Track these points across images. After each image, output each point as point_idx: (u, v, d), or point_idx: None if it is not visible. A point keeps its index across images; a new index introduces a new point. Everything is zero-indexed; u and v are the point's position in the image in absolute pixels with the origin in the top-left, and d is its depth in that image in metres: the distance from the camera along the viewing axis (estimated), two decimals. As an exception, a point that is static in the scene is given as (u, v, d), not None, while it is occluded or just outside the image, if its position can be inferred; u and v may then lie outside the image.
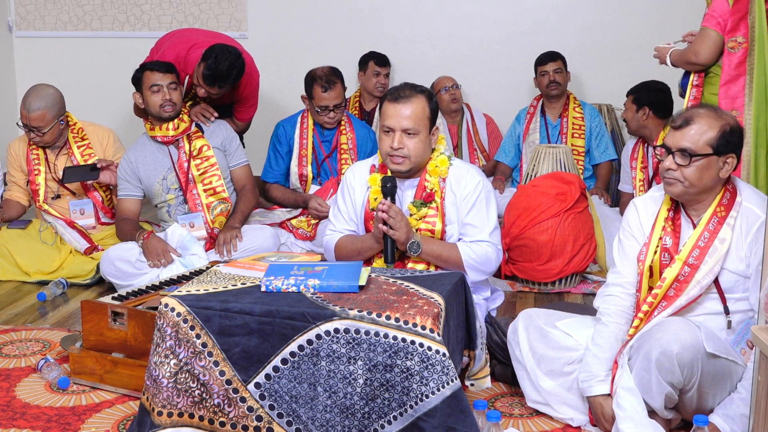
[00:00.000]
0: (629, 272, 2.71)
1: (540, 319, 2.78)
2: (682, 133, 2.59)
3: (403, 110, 3.03)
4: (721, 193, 2.61)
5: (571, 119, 5.23)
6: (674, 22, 5.67)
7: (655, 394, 2.45)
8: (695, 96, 3.54)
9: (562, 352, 2.70)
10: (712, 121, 2.57)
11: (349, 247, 3.17)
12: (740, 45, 3.34)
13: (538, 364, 2.70)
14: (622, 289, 2.71)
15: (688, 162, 2.56)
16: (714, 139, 2.55)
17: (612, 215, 4.67)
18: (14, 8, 6.28)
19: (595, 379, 2.59)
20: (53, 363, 3.02)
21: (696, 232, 2.59)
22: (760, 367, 2.31)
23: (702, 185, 2.58)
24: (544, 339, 2.73)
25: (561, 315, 2.86)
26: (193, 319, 2.48)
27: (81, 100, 5.56)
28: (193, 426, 2.50)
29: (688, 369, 2.43)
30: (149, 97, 3.99)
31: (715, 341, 2.48)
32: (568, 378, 2.67)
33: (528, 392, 2.74)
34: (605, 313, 2.69)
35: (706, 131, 2.56)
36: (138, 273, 3.82)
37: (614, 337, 2.64)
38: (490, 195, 3.15)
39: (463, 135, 5.61)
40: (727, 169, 2.58)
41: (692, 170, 2.56)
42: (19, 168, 4.37)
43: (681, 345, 2.41)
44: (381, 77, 5.67)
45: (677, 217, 2.68)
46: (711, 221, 2.59)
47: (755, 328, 2.34)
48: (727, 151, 2.57)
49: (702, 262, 2.56)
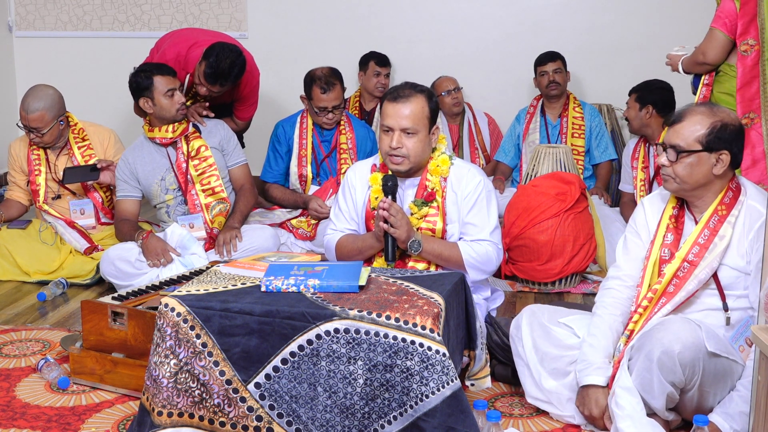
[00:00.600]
0: (629, 267, 2.74)
1: (544, 316, 2.78)
2: (674, 130, 2.61)
3: (402, 110, 3.03)
4: (723, 192, 2.61)
5: (570, 119, 5.23)
6: (674, 23, 5.68)
7: (657, 395, 2.45)
8: (705, 95, 3.56)
9: (565, 350, 2.69)
10: (703, 118, 2.58)
11: (350, 246, 3.17)
12: (752, 47, 3.35)
13: (540, 362, 2.69)
14: (621, 281, 2.74)
15: (677, 158, 2.57)
16: (703, 135, 2.55)
17: (612, 215, 4.67)
18: (14, 8, 6.28)
19: (591, 367, 2.58)
20: (53, 363, 3.02)
21: (696, 229, 2.60)
22: (760, 366, 2.31)
23: (694, 182, 2.59)
24: (547, 336, 2.72)
25: (565, 312, 2.86)
26: (193, 319, 2.48)
27: (81, 100, 5.56)
28: (193, 426, 2.50)
29: (689, 368, 2.43)
30: (163, 102, 3.96)
31: (715, 340, 2.48)
32: (570, 377, 2.67)
33: (528, 389, 2.73)
34: (601, 305, 2.73)
35: (696, 127, 2.57)
36: (138, 273, 3.82)
37: (608, 327, 2.65)
38: (491, 194, 3.15)
39: (464, 134, 5.61)
40: (721, 166, 2.57)
41: (682, 166, 2.58)
42: (20, 168, 4.37)
43: (682, 344, 2.41)
44: (381, 77, 5.68)
45: (681, 214, 2.69)
46: (711, 219, 2.59)
47: (755, 328, 2.34)
48: (719, 148, 2.56)
49: (701, 259, 2.57)
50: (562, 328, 2.75)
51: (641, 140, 4.73)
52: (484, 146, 5.63)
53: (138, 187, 4.10)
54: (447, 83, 5.53)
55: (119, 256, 3.88)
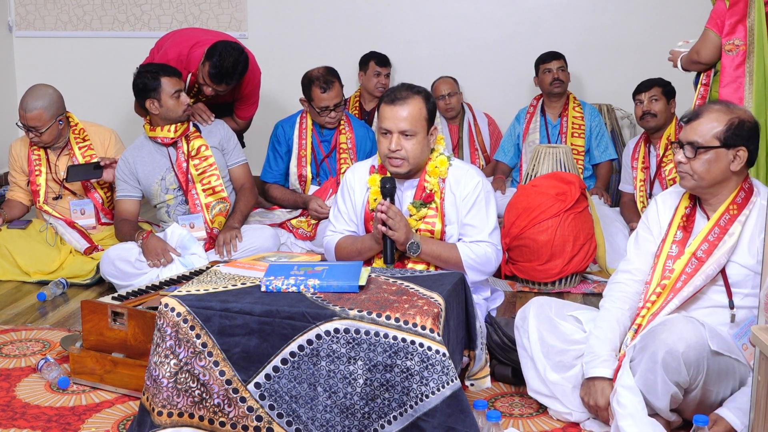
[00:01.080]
0: (639, 261, 2.76)
1: (551, 310, 2.78)
2: (691, 127, 2.63)
3: (399, 112, 3.03)
4: (735, 192, 2.63)
5: (570, 119, 5.23)
6: (674, 23, 5.68)
7: (661, 395, 2.44)
8: (703, 95, 3.58)
9: (571, 344, 2.69)
10: (720, 115, 2.60)
11: (350, 247, 3.17)
12: (737, 47, 3.37)
13: (546, 355, 2.68)
14: (630, 275, 2.76)
15: (695, 155, 2.59)
16: (721, 131, 2.58)
17: (612, 215, 4.67)
18: (14, 8, 6.29)
19: (598, 359, 2.58)
20: (53, 363, 3.02)
21: (707, 226, 2.62)
22: (760, 366, 2.31)
23: (711, 178, 2.60)
24: (554, 330, 2.72)
25: (574, 306, 2.86)
26: (193, 319, 2.48)
27: (81, 100, 5.57)
28: (193, 426, 2.50)
29: (694, 368, 2.43)
30: (170, 103, 3.96)
31: (719, 339, 2.48)
32: (574, 371, 2.66)
33: (531, 382, 2.71)
34: (609, 299, 2.74)
35: (714, 124, 2.59)
36: (138, 273, 3.82)
37: (615, 319, 2.66)
38: (490, 195, 3.15)
39: (464, 135, 5.60)
40: (738, 162, 2.60)
41: (700, 163, 2.59)
42: (20, 169, 4.37)
43: (686, 344, 2.41)
44: (382, 77, 5.67)
45: (693, 212, 2.70)
46: (723, 217, 2.61)
47: (755, 328, 2.34)
48: (737, 144, 2.58)
49: (710, 255, 2.58)
50: (569, 322, 2.75)
51: (641, 140, 4.73)
52: (484, 147, 5.62)
53: (138, 186, 4.09)
54: (442, 87, 5.49)
55: (119, 256, 3.87)
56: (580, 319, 2.75)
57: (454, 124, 5.62)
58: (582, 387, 2.62)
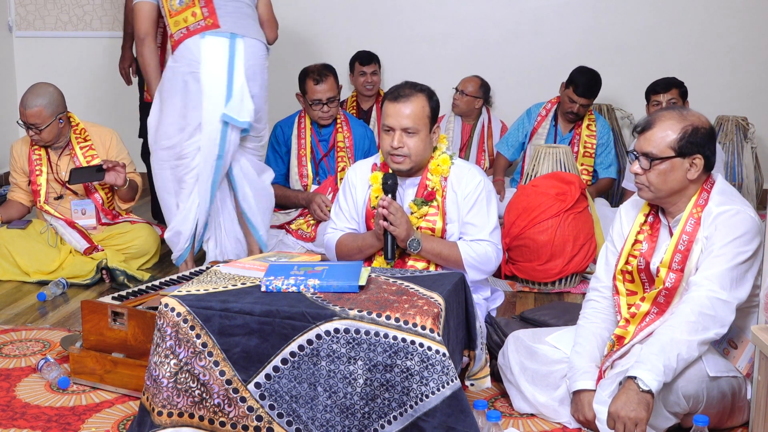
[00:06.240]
0: (606, 278, 2.75)
1: (527, 338, 2.77)
2: (645, 137, 2.56)
3: (402, 109, 3.04)
4: (697, 194, 2.57)
5: (583, 137, 5.09)
6: (674, 23, 5.68)
7: (660, 424, 2.45)
8: None
9: (553, 365, 2.68)
10: (674, 123, 2.53)
11: (350, 244, 3.18)
12: None
13: (532, 382, 2.67)
14: (598, 293, 2.76)
15: (650, 166, 2.53)
16: (675, 141, 2.51)
17: (612, 215, 4.64)
18: (14, 8, 6.28)
19: (579, 372, 2.58)
20: (53, 363, 3.02)
21: (674, 238, 2.56)
22: (760, 367, 2.32)
23: (668, 188, 2.55)
24: (533, 356, 2.71)
25: (547, 331, 2.85)
26: (193, 319, 2.48)
27: (81, 100, 5.57)
28: (193, 426, 2.50)
29: (693, 399, 2.43)
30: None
31: (714, 362, 2.48)
32: (561, 390, 2.64)
33: (520, 405, 2.72)
34: (583, 317, 2.76)
35: (667, 133, 2.52)
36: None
37: (592, 334, 2.67)
38: (491, 194, 3.15)
39: (475, 135, 5.61)
40: (695, 170, 2.53)
41: (656, 174, 2.53)
42: (21, 170, 4.37)
43: (685, 378, 2.41)
44: (368, 76, 5.64)
45: (656, 221, 2.65)
46: (688, 223, 2.55)
47: (755, 328, 2.35)
48: (692, 152, 2.52)
49: (685, 266, 2.53)
50: (547, 345, 2.74)
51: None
52: (491, 150, 5.61)
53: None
54: (464, 83, 5.54)
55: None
56: (558, 347, 2.73)
57: (468, 123, 5.63)
58: (571, 405, 2.61)
